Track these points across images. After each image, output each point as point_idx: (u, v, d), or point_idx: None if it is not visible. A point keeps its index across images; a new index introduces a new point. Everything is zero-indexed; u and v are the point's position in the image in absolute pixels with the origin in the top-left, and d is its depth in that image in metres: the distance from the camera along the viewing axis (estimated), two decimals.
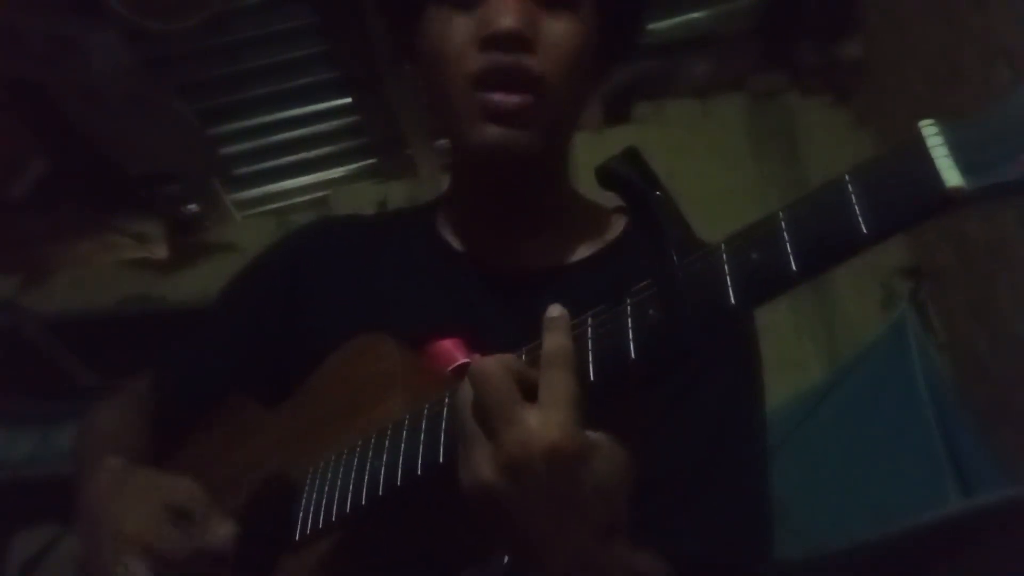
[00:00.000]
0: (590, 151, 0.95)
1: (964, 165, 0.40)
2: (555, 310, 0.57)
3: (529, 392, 0.55)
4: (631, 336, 0.54)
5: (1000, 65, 1.87)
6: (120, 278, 2.83)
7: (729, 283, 0.49)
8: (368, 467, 0.68)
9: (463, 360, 0.78)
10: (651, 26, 2.64)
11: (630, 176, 0.55)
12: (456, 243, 0.91)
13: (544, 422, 0.53)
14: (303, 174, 2.94)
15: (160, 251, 2.87)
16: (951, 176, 0.40)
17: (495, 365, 0.55)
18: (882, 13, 2.53)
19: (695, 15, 2.67)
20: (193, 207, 2.94)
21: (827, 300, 2.45)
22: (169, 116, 2.46)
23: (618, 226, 0.91)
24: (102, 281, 2.82)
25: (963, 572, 1.48)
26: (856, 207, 0.44)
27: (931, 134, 0.42)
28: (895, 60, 2.47)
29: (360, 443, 0.70)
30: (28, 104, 2.37)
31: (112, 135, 2.49)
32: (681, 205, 0.56)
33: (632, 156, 0.56)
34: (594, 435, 0.55)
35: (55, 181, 2.58)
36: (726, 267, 0.50)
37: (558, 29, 0.79)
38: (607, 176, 0.56)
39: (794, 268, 0.47)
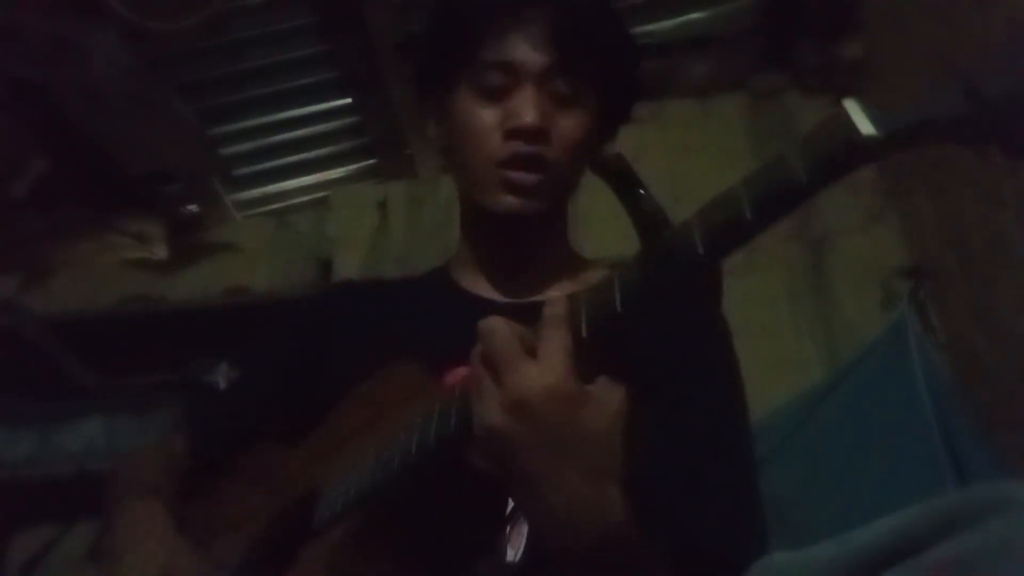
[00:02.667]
0: None
1: (876, 121, 0.53)
2: (554, 297, 0.67)
3: (530, 352, 0.63)
4: (617, 295, 0.63)
5: None
6: (120, 278, 2.84)
7: (697, 238, 0.58)
8: (384, 456, 0.75)
9: None
10: (651, 26, 2.64)
11: (619, 167, 0.66)
12: (467, 286, 1.05)
13: (542, 369, 0.61)
14: (303, 174, 2.94)
15: (160, 251, 2.87)
16: (865, 127, 0.52)
17: (500, 321, 0.65)
18: (882, 13, 2.53)
19: (695, 15, 2.67)
20: (193, 207, 2.94)
21: (827, 300, 2.45)
22: (169, 116, 2.46)
23: (599, 273, 1.02)
24: (102, 281, 2.82)
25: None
26: (796, 164, 0.55)
27: (851, 105, 0.54)
28: (895, 60, 2.47)
29: (380, 441, 0.77)
30: (28, 104, 2.37)
31: (112, 135, 2.49)
32: (680, 205, 0.64)
33: (621, 159, 0.67)
34: (588, 385, 0.63)
35: (55, 181, 2.58)
36: (696, 227, 0.59)
37: (568, 124, 0.95)
38: (600, 165, 0.67)
39: (749, 217, 0.56)
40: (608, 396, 0.63)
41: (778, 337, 2.37)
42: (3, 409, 2.43)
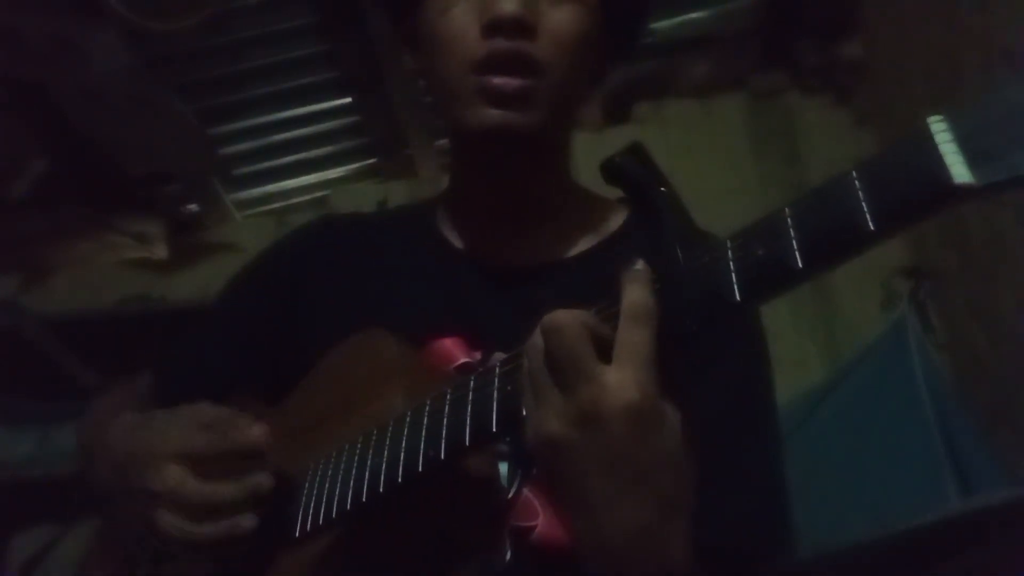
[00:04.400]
0: (590, 151, 0.95)
1: (971, 159, 0.40)
2: (639, 263, 0.55)
3: (601, 348, 0.53)
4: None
5: (1000, 65, 1.87)
6: (120, 278, 2.83)
7: (734, 279, 0.49)
8: (369, 464, 0.68)
9: (463, 359, 0.78)
10: (651, 26, 2.64)
11: (634, 171, 0.55)
12: (455, 240, 0.91)
13: (621, 380, 0.51)
14: (303, 174, 2.94)
15: (160, 251, 2.87)
16: (960, 172, 0.40)
17: (570, 318, 0.54)
18: (882, 13, 2.53)
19: (695, 15, 2.67)
20: (193, 207, 2.94)
21: (827, 300, 2.45)
22: (169, 116, 2.46)
23: (619, 218, 0.91)
24: (102, 281, 2.82)
25: (964, 572, 1.48)
26: (864, 204, 0.44)
27: (939, 130, 0.42)
28: (895, 60, 2.47)
29: (360, 439, 0.70)
30: (28, 104, 2.37)
31: (112, 135, 2.49)
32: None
33: (636, 151, 0.56)
34: (669, 403, 0.54)
35: (55, 181, 2.58)
36: (731, 263, 0.50)
37: (559, 16, 0.80)
38: (611, 171, 0.56)
39: (800, 265, 0.47)
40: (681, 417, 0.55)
41: (778, 337, 2.36)
42: (3, 409, 2.43)
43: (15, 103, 2.36)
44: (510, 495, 0.74)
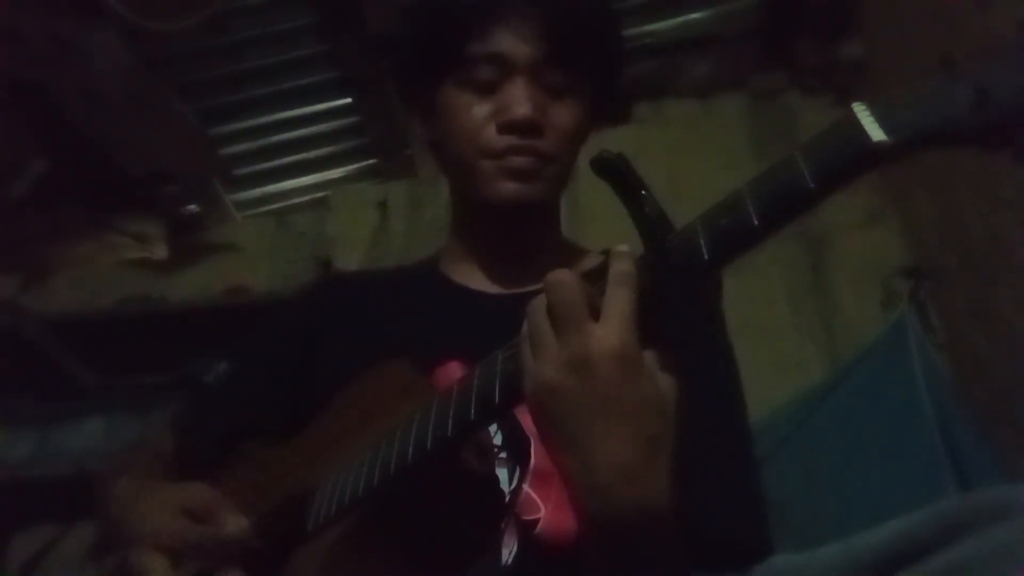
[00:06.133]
0: (591, 151, 0.97)
1: (887, 127, 0.51)
2: (623, 247, 0.64)
3: (593, 310, 0.61)
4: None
5: None
6: (120, 278, 2.83)
7: (703, 244, 0.57)
8: (381, 454, 0.73)
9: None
10: (651, 26, 2.64)
11: (619, 165, 0.63)
12: (456, 278, 1.04)
13: (606, 330, 0.59)
14: (303, 174, 2.94)
15: (160, 251, 2.87)
16: (876, 133, 0.51)
17: (570, 276, 0.62)
18: (882, 13, 2.53)
19: (695, 15, 2.67)
20: (193, 207, 2.94)
21: (827, 300, 2.45)
22: (169, 116, 2.46)
23: (595, 260, 1.03)
24: (102, 281, 2.82)
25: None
26: (804, 169, 0.54)
27: (861, 110, 0.53)
28: (895, 60, 2.47)
29: (373, 441, 0.75)
30: (28, 104, 2.37)
31: (112, 135, 2.49)
32: (680, 205, 0.63)
33: (623, 159, 0.64)
34: (649, 353, 0.61)
35: (55, 181, 2.58)
36: (700, 232, 0.58)
37: (561, 114, 0.96)
38: (599, 163, 0.63)
39: (756, 223, 0.55)
40: (665, 370, 0.61)
41: (778, 337, 2.37)
42: (3, 409, 2.43)
43: (15, 103, 2.36)
44: (511, 492, 0.79)
